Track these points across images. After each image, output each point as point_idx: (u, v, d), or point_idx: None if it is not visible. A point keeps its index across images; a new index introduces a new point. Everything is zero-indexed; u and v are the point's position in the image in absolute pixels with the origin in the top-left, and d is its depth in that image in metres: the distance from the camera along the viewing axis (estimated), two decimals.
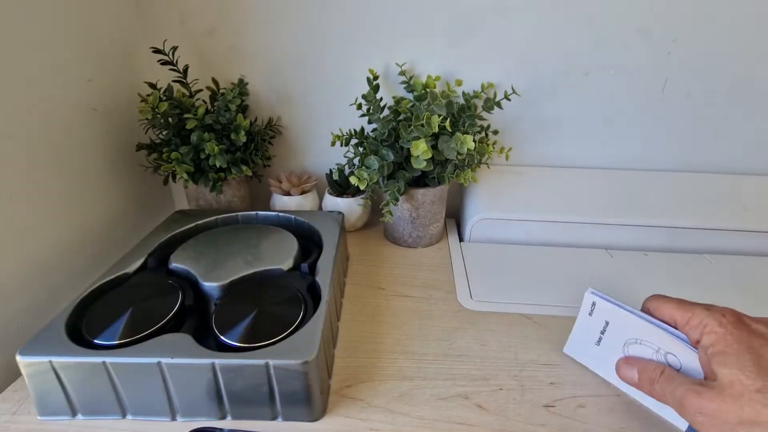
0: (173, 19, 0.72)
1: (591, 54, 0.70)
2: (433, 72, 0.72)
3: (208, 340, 0.41)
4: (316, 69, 0.74)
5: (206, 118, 0.66)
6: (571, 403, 0.42)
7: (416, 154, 0.60)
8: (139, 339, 0.40)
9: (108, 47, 0.66)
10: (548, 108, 0.74)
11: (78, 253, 0.61)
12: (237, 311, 0.44)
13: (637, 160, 0.77)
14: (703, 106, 0.72)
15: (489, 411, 0.41)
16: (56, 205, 0.58)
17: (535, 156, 0.79)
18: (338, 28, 0.71)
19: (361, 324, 0.53)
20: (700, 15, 0.66)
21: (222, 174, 0.69)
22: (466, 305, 0.56)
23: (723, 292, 0.59)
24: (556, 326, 0.52)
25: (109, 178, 0.68)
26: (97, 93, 0.64)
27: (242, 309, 0.44)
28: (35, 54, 0.54)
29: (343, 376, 0.45)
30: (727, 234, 0.67)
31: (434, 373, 0.46)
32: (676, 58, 0.69)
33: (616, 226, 0.69)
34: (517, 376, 0.45)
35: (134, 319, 0.42)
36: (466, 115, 0.64)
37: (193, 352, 0.38)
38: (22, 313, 0.52)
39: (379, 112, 0.67)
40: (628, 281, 0.61)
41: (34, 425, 0.40)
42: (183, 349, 0.38)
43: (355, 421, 0.40)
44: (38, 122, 0.54)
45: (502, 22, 0.69)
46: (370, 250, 0.71)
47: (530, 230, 0.70)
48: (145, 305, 0.44)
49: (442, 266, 0.66)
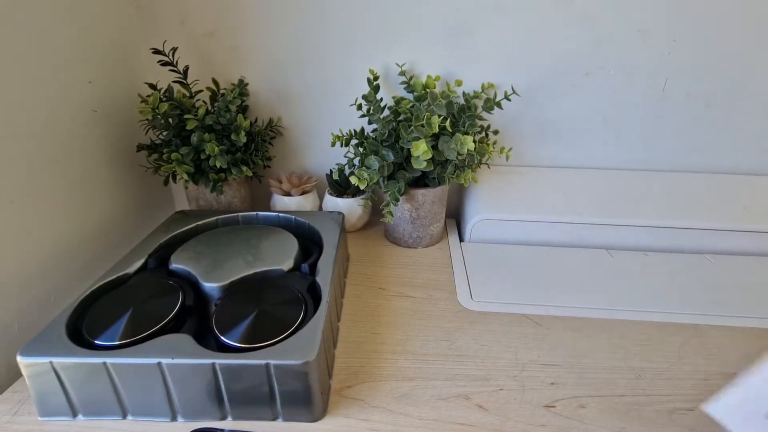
0: (173, 20, 0.72)
1: (591, 54, 0.70)
2: (433, 72, 0.72)
3: (209, 341, 0.41)
4: (317, 69, 0.74)
5: (206, 118, 0.66)
6: (571, 404, 0.42)
7: (416, 155, 0.60)
8: (140, 339, 0.40)
9: (108, 48, 0.66)
10: (548, 108, 0.74)
11: (78, 254, 0.61)
12: (237, 312, 0.44)
13: (637, 160, 0.77)
14: (703, 106, 0.72)
15: (489, 411, 0.41)
16: (57, 205, 0.58)
17: (536, 156, 0.79)
18: (338, 29, 0.71)
19: (361, 324, 0.53)
20: (700, 15, 0.66)
21: (222, 174, 0.69)
22: (466, 305, 0.56)
23: (723, 293, 0.59)
24: (557, 326, 0.52)
25: (109, 178, 0.68)
26: (98, 94, 0.64)
27: (242, 309, 0.44)
28: (35, 55, 0.54)
29: (344, 376, 0.45)
30: (727, 234, 0.67)
31: (435, 374, 0.46)
32: (677, 58, 0.69)
33: (616, 227, 0.69)
34: (517, 377, 0.45)
35: (135, 319, 0.42)
36: (466, 115, 0.64)
37: (194, 352, 0.38)
38: (23, 313, 0.52)
39: (379, 112, 0.67)
40: (628, 281, 0.61)
41: (34, 426, 0.40)
42: (183, 350, 0.38)
43: (355, 421, 0.40)
44: (38, 124, 0.54)
45: (502, 22, 0.69)
46: (370, 250, 0.71)
47: (530, 230, 0.70)
48: (145, 306, 0.44)
49: (443, 266, 0.66)
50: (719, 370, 0.46)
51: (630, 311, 0.55)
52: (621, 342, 0.50)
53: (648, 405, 0.42)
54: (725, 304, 0.56)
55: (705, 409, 0.39)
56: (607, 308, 0.55)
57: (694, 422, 0.40)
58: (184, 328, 0.43)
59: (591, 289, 0.59)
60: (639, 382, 0.45)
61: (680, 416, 0.41)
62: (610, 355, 0.48)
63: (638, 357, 0.48)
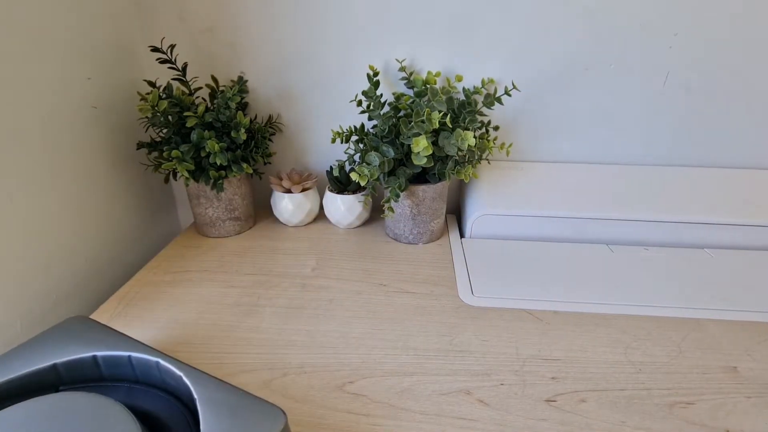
0: (172, 16, 0.72)
1: (591, 49, 0.70)
2: (433, 68, 0.72)
3: None
4: (316, 65, 0.74)
5: (206, 116, 0.66)
6: (572, 398, 0.42)
7: (417, 151, 0.60)
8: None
9: (107, 45, 0.66)
10: (549, 103, 0.74)
11: (79, 251, 0.62)
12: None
13: (638, 154, 0.77)
14: (703, 100, 0.72)
15: (490, 406, 0.41)
16: (57, 203, 0.58)
17: (536, 151, 0.79)
18: (338, 25, 0.71)
19: (362, 320, 0.53)
20: (701, 8, 0.66)
21: (223, 172, 0.69)
22: (467, 301, 0.57)
23: (724, 287, 0.59)
24: (558, 321, 0.52)
25: (109, 176, 0.68)
26: (97, 91, 0.64)
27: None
28: (34, 53, 0.53)
29: (346, 372, 0.46)
30: (727, 228, 0.67)
31: (436, 369, 0.46)
32: (678, 52, 0.69)
33: (617, 221, 0.69)
34: (518, 371, 0.45)
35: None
36: (467, 111, 0.64)
37: None
38: (25, 311, 0.52)
39: (379, 108, 0.67)
40: (628, 276, 0.61)
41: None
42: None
43: (357, 416, 0.40)
44: (37, 121, 0.54)
45: (501, 17, 0.68)
46: (371, 246, 0.71)
47: (531, 226, 0.70)
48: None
49: (444, 262, 0.66)
50: (719, 365, 0.46)
51: (630, 306, 0.55)
52: (621, 336, 0.50)
53: (648, 399, 0.42)
54: (725, 299, 0.56)
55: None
56: (608, 303, 0.56)
57: (694, 416, 0.40)
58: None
59: (591, 283, 0.59)
60: (639, 376, 0.45)
61: (680, 410, 0.41)
62: (610, 349, 0.48)
63: (638, 351, 0.48)
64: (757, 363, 0.46)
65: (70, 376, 0.38)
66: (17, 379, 0.36)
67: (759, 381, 0.44)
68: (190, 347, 0.49)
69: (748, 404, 0.42)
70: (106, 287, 0.66)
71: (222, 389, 0.34)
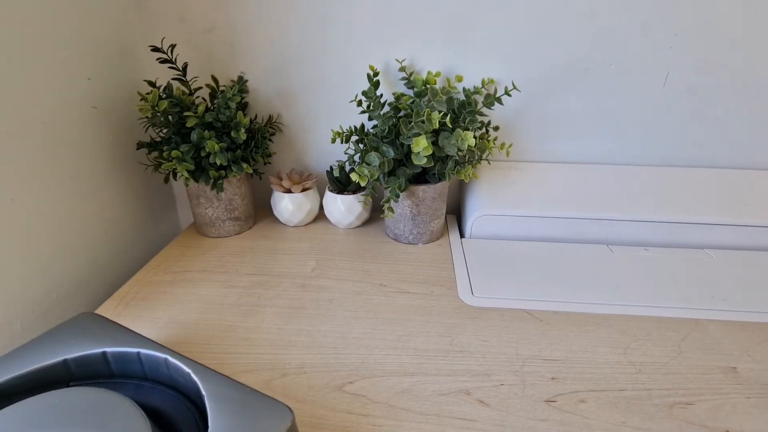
0: (172, 16, 0.72)
1: (591, 49, 0.70)
2: (433, 68, 0.72)
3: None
4: (316, 65, 0.74)
5: (206, 115, 0.66)
6: (572, 398, 0.42)
7: (417, 151, 0.60)
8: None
9: (107, 45, 0.66)
10: (549, 103, 0.74)
11: (79, 251, 0.62)
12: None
13: (638, 155, 0.77)
14: (703, 101, 0.72)
15: (490, 406, 0.41)
16: (57, 203, 0.58)
17: (536, 152, 0.78)
18: (338, 24, 0.71)
19: (362, 320, 0.53)
20: (701, 9, 0.66)
21: (223, 172, 0.69)
22: (467, 301, 0.57)
23: (724, 287, 0.59)
24: (557, 322, 0.52)
25: (109, 176, 0.68)
26: (97, 91, 0.64)
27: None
28: (34, 52, 0.54)
29: (346, 372, 0.46)
30: (727, 229, 0.67)
31: (436, 369, 0.46)
32: (678, 52, 0.69)
33: (617, 222, 0.69)
34: (518, 372, 0.45)
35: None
36: (467, 111, 0.64)
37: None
38: (25, 311, 0.53)
39: (379, 108, 0.67)
40: (628, 276, 0.61)
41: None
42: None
43: (357, 416, 0.40)
44: (38, 121, 0.54)
45: (502, 17, 0.68)
46: (371, 246, 0.71)
47: (531, 226, 0.70)
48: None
49: (443, 263, 0.66)
50: (719, 365, 0.46)
51: (630, 306, 0.55)
52: (621, 337, 0.50)
53: (648, 399, 0.42)
54: (725, 299, 0.56)
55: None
56: (608, 303, 0.56)
57: (693, 416, 0.40)
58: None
59: (591, 284, 0.59)
60: (639, 376, 0.45)
61: (680, 410, 0.41)
62: (610, 349, 0.48)
63: (638, 352, 0.48)
64: (757, 363, 0.46)
65: (80, 372, 0.38)
66: (28, 374, 0.36)
67: (759, 381, 0.44)
68: (190, 347, 0.49)
69: (747, 405, 0.42)
70: (106, 287, 0.66)
71: (230, 386, 0.35)
